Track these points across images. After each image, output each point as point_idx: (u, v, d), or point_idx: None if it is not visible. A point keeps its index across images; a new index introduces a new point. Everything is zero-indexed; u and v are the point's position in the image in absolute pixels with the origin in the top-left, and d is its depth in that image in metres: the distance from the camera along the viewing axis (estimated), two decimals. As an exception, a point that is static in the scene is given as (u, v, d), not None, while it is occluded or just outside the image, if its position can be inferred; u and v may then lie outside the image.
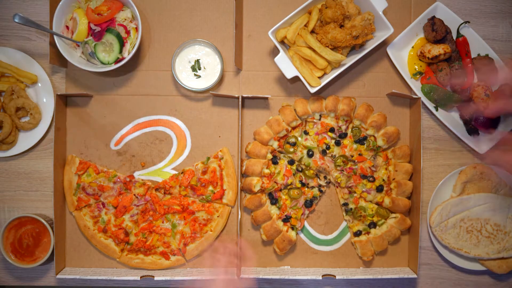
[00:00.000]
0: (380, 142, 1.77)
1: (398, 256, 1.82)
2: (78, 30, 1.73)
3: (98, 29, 1.73)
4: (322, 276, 1.73)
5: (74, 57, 1.75)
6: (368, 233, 1.79)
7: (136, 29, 1.75)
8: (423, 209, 1.81)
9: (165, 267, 1.79)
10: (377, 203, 1.80)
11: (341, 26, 1.74)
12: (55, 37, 1.70)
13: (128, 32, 1.75)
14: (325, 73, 1.77)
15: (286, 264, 1.82)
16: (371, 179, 1.78)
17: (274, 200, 1.79)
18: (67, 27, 1.75)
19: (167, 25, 1.83)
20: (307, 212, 1.81)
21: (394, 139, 1.78)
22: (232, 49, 1.79)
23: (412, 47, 1.84)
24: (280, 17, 1.73)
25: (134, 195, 1.79)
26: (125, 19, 1.75)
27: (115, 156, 1.82)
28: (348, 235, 1.83)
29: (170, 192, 1.81)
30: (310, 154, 1.79)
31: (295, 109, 1.79)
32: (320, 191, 1.82)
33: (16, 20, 1.66)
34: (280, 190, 1.81)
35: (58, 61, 1.77)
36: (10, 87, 1.77)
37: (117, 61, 1.76)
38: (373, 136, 1.79)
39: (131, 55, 1.74)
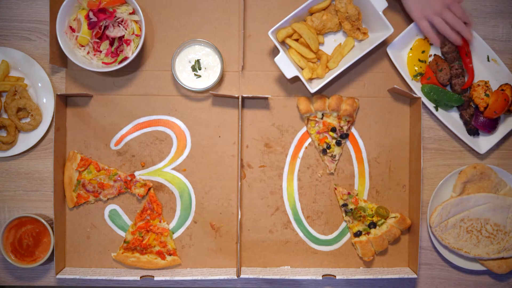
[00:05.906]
0: None
1: (398, 256, 1.82)
2: (82, 31, 1.72)
3: (94, 19, 1.70)
4: (322, 276, 1.73)
5: (78, 56, 1.75)
6: (368, 233, 1.79)
7: (140, 28, 1.75)
8: (423, 209, 1.81)
9: (160, 267, 1.78)
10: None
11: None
12: (59, 37, 1.70)
13: (133, 32, 1.75)
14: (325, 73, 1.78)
15: (286, 264, 1.82)
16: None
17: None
18: (71, 28, 1.74)
19: (168, 24, 1.83)
20: None
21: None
22: (235, 48, 1.80)
23: (411, 49, 1.84)
24: (280, 17, 1.73)
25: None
26: (127, 13, 1.74)
27: (115, 156, 1.82)
28: (348, 235, 1.83)
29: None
30: (310, 154, 1.79)
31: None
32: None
33: None
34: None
35: (58, 61, 1.77)
36: (13, 87, 1.77)
37: (121, 61, 1.76)
38: None
39: (134, 55, 1.73)
